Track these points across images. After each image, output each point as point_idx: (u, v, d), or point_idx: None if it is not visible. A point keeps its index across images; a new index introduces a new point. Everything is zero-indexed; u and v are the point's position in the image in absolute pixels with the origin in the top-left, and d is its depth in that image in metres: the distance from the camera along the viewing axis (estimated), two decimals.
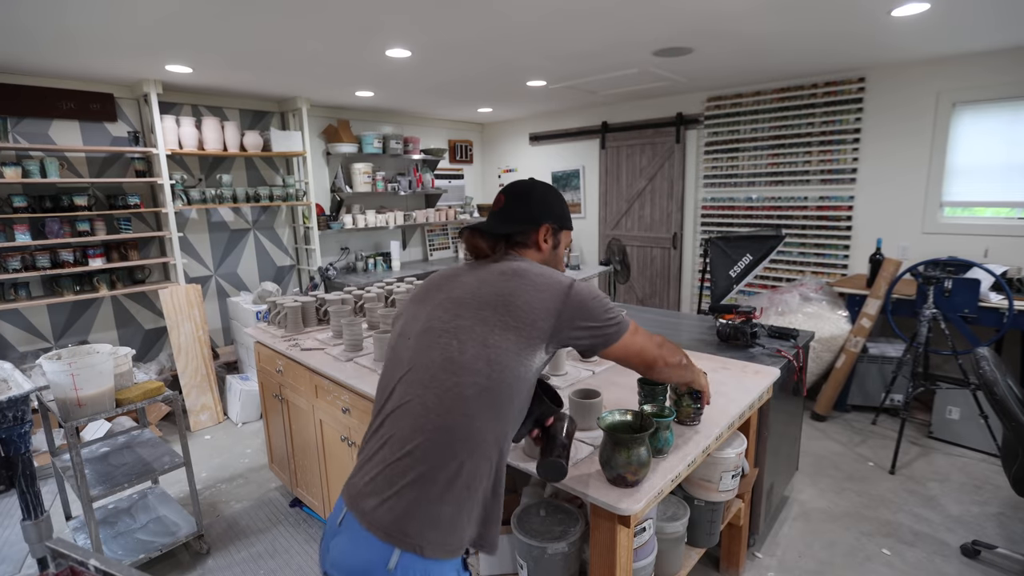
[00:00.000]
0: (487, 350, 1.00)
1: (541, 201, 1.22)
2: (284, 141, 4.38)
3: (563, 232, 1.26)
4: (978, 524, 2.46)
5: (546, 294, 1.05)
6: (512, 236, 1.19)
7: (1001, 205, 3.53)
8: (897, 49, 3.33)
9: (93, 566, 1.01)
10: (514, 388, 1.01)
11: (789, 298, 3.69)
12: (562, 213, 1.25)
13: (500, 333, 1.01)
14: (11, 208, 3.27)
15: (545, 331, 1.03)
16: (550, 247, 1.23)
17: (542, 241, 1.21)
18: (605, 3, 2.41)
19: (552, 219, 1.22)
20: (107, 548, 2.26)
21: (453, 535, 0.96)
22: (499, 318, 1.02)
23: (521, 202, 1.22)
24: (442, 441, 0.96)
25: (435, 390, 0.99)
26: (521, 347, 1.01)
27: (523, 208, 1.21)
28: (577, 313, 1.06)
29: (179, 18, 2.45)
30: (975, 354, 2.07)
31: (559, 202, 1.26)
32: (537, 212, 1.21)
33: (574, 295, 1.06)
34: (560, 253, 1.26)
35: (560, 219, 1.24)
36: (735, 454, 1.69)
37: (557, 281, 1.08)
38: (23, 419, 1.94)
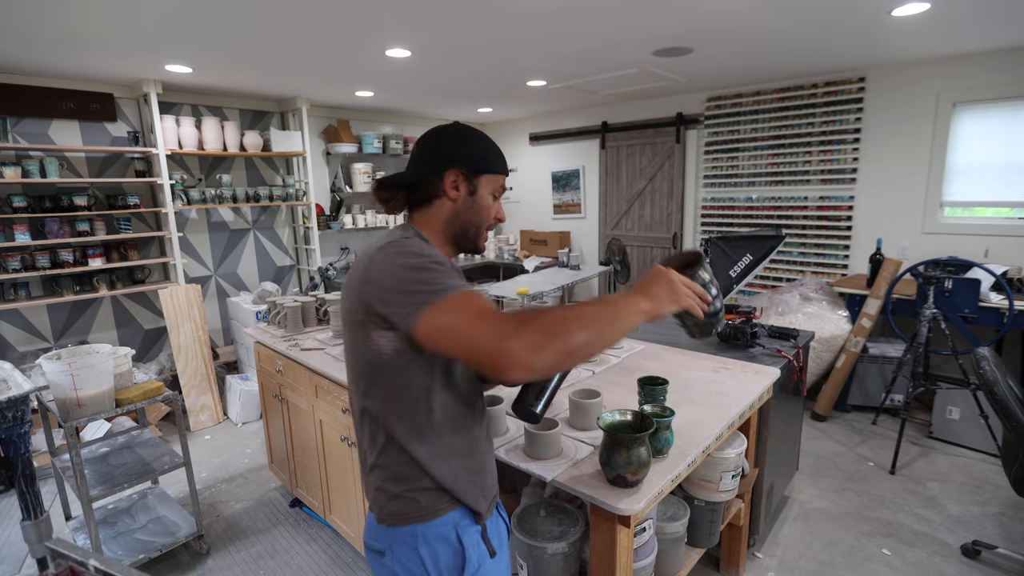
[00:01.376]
0: (348, 352, 1.01)
1: (446, 144, 1.04)
2: (284, 141, 4.38)
3: (482, 177, 1.05)
4: (978, 524, 2.46)
5: (358, 269, 0.96)
6: (415, 188, 1.05)
7: (1001, 205, 3.52)
8: (897, 49, 3.33)
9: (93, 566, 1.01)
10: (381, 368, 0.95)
11: (789, 298, 3.69)
12: (477, 155, 1.05)
13: (347, 330, 0.99)
14: (11, 208, 3.27)
15: (359, 311, 0.93)
16: (463, 194, 1.04)
17: (450, 189, 1.03)
18: (605, 3, 2.41)
19: (459, 162, 1.03)
20: (107, 548, 2.26)
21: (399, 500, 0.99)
22: (343, 316, 1.00)
23: (426, 147, 1.06)
24: (357, 420, 1.04)
25: (349, 373, 1.04)
26: (359, 338, 0.95)
27: (426, 155, 1.05)
28: (373, 278, 0.90)
29: (179, 18, 2.44)
30: (975, 354, 2.07)
31: (473, 143, 1.06)
32: (440, 157, 1.03)
33: (374, 260, 0.92)
34: (482, 201, 1.06)
35: (473, 161, 1.04)
36: (735, 454, 1.69)
37: (366, 252, 0.97)
38: (23, 419, 1.94)
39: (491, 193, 1.08)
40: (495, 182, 1.08)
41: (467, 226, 1.06)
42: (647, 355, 2.16)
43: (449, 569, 1.00)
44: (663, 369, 1.96)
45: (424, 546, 0.99)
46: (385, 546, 1.01)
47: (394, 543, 1.00)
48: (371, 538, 1.05)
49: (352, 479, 2.11)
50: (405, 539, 0.99)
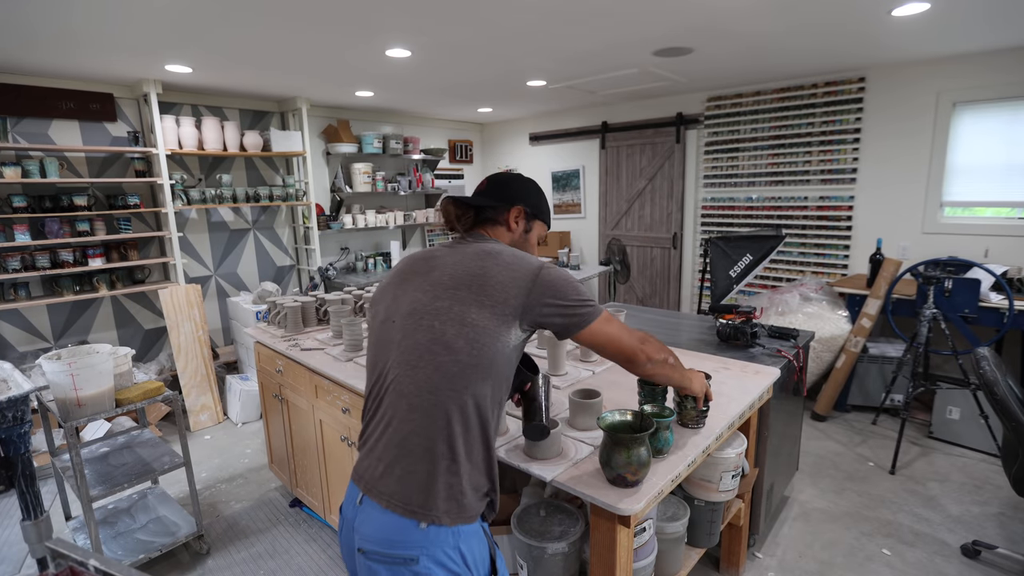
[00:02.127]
0: (465, 329, 1.04)
1: (518, 187, 1.29)
2: (284, 141, 4.38)
3: (536, 221, 1.31)
4: (978, 524, 2.46)
5: (518, 273, 1.09)
6: (483, 211, 1.24)
7: (1001, 205, 3.53)
8: (897, 49, 3.33)
9: (93, 566, 1.01)
10: (495, 363, 1.06)
11: (789, 298, 3.69)
12: (538, 204, 1.31)
13: (476, 311, 1.05)
14: (11, 208, 3.27)
15: (516, 308, 1.07)
16: (520, 230, 1.28)
17: (512, 221, 1.26)
18: (605, 3, 2.41)
19: (526, 203, 1.27)
20: (107, 548, 2.26)
21: (465, 500, 1.03)
22: (475, 297, 1.06)
23: (500, 186, 1.29)
24: (438, 416, 1.03)
25: (424, 370, 1.05)
26: (496, 324, 1.05)
27: (500, 190, 1.28)
28: (547, 291, 1.09)
29: (179, 17, 2.44)
30: (975, 354, 2.07)
31: (537, 194, 1.32)
32: (512, 194, 1.27)
33: (544, 274, 1.10)
34: (532, 240, 1.31)
35: (535, 207, 1.29)
36: (735, 454, 1.69)
37: (528, 261, 1.12)
38: (23, 419, 1.94)
39: (538, 236, 1.33)
40: (543, 229, 1.34)
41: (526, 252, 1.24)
42: None
43: (483, 561, 1.06)
44: None
45: (464, 542, 1.02)
46: (419, 551, 0.99)
47: (432, 545, 0.99)
48: (394, 546, 1.00)
49: None
50: (446, 539, 1.00)
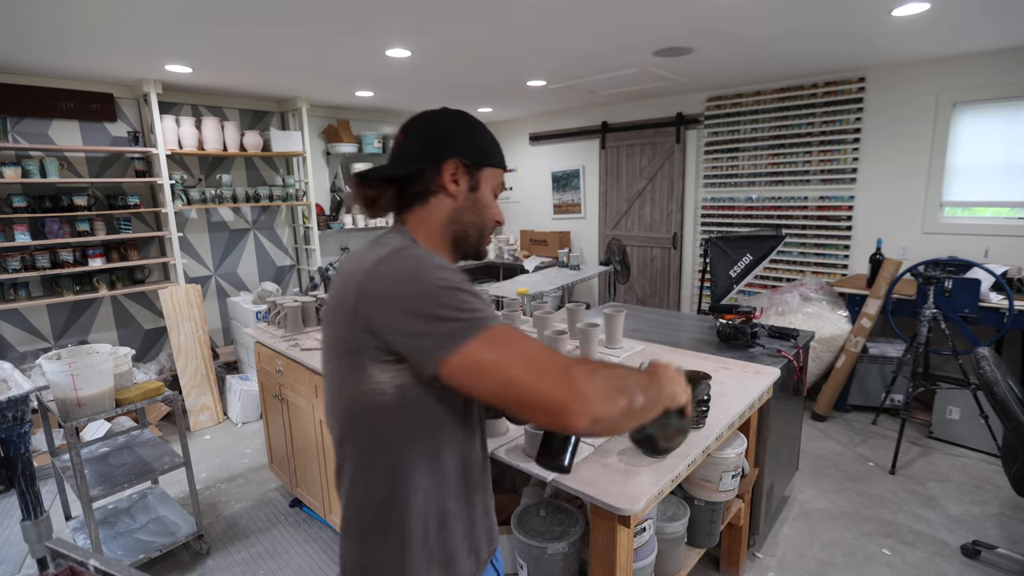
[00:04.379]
0: (330, 385, 0.85)
1: (443, 129, 0.90)
2: (284, 141, 4.38)
3: (484, 171, 0.92)
4: (978, 524, 2.46)
5: (347, 288, 0.77)
6: (406, 183, 0.89)
7: (1001, 205, 3.52)
8: (897, 49, 3.33)
9: (93, 566, 1.01)
10: (375, 422, 0.79)
11: (789, 298, 3.69)
12: (476, 145, 0.91)
13: (332, 361, 0.82)
14: (11, 208, 3.27)
15: (352, 339, 0.76)
16: (464, 189, 0.90)
17: (449, 183, 0.89)
18: (605, 3, 2.41)
19: (460, 152, 0.89)
20: (107, 548, 2.26)
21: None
22: (325, 343, 0.84)
23: (418, 134, 0.90)
24: (350, 487, 0.86)
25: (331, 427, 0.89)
26: (347, 371, 0.79)
27: (420, 140, 0.90)
28: (380, 300, 0.73)
29: (179, 18, 2.44)
30: (975, 354, 2.07)
31: (472, 130, 0.92)
32: (437, 144, 0.89)
33: (376, 276, 0.74)
34: (483, 198, 0.92)
35: (474, 152, 0.90)
36: (735, 454, 1.69)
37: (360, 264, 0.78)
38: (23, 419, 1.94)
39: (491, 190, 0.94)
40: (495, 177, 0.94)
41: (468, 227, 0.91)
42: (647, 355, 2.16)
43: None
44: None
45: None
46: None
47: None
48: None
49: None
50: None
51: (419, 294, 0.71)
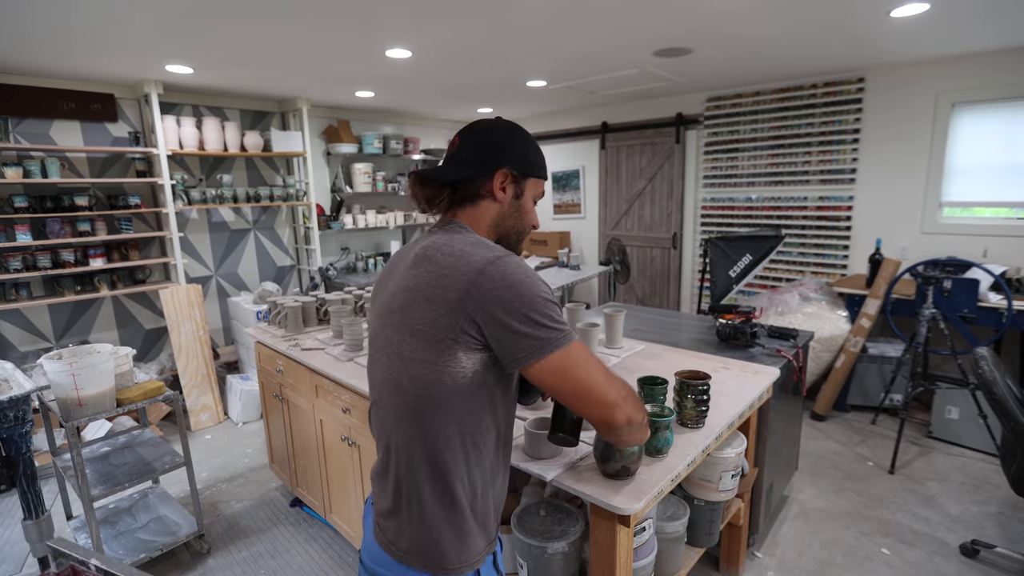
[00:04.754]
0: (404, 364, 0.89)
1: (499, 141, 1.01)
2: (284, 141, 4.38)
3: (528, 180, 1.04)
4: (977, 523, 2.47)
5: (451, 279, 0.85)
6: (460, 186, 0.99)
7: (1000, 205, 3.53)
8: (896, 50, 3.34)
9: (94, 565, 1.01)
10: (449, 400, 0.87)
11: (789, 298, 3.69)
12: (525, 157, 1.02)
13: (410, 342, 0.88)
14: (12, 208, 3.27)
15: (450, 327, 0.85)
16: (510, 197, 1.01)
17: (498, 190, 1.00)
18: (605, 4, 2.41)
19: (510, 163, 1.00)
20: (108, 547, 2.26)
21: (461, 549, 0.93)
22: (405, 322, 0.89)
23: (475, 143, 1.01)
24: (408, 461, 0.92)
25: (387, 409, 0.94)
26: (433, 353, 0.86)
27: (476, 150, 1.00)
28: (491, 299, 0.83)
29: (180, 18, 2.45)
30: (974, 354, 2.07)
31: (524, 144, 1.03)
32: (491, 155, 0.99)
33: (488, 276, 0.84)
34: (526, 205, 1.04)
35: (522, 164, 1.01)
36: (735, 454, 1.69)
37: (468, 260, 0.86)
38: (24, 419, 1.94)
39: (532, 197, 1.06)
40: (538, 187, 1.06)
41: (510, 230, 1.02)
42: (647, 355, 2.16)
43: None
44: (663, 369, 1.96)
45: None
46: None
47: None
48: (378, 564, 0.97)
49: (352, 479, 2.12)
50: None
51: (528, 301, 0.84)
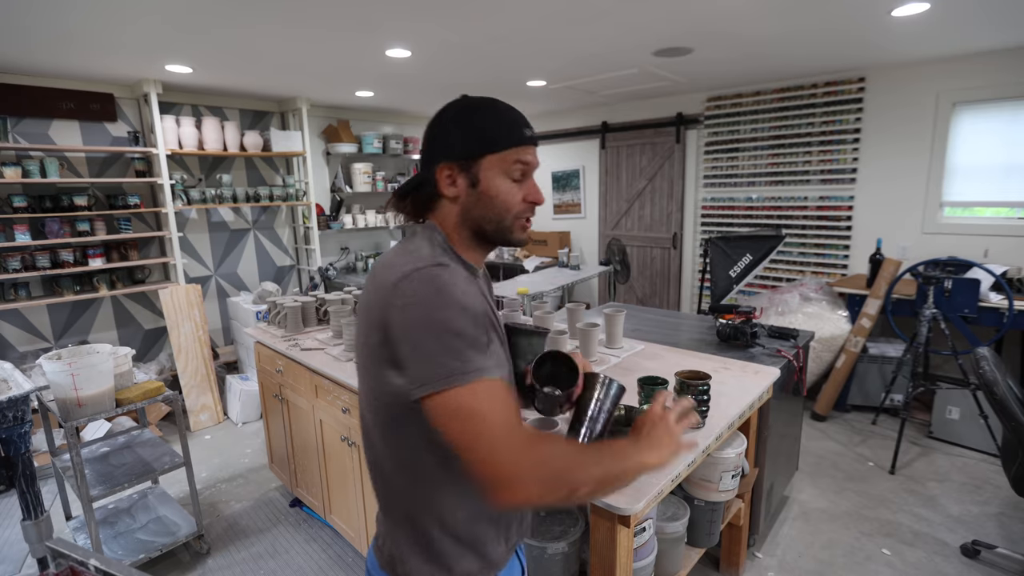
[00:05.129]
0: (364, 378, 0.87)
1: (434, 135, 0.88)
2: (284, 141, 4.38)
3: (483, 160, 0.85)
4: (978, 524, 2.46)
5: (374, 295, 0.81)
6: (413, 194, 0.90)
7: (1001, 205, 3.53)
8: (897, 49, 3.33)
9: (93, 566, 1.01)
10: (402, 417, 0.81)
11: (789, 298, 3.69)
12: (466, 136, 0.85)
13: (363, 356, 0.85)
14: (11, 208, 3.27)
15: (378, 344, 0.78)
16: (464, 188, 0.86)
17: (446, 187, 0.86)
18: (605, 4, 2.41)
19: (448, 153, 0.85)
20: (107, 548, 2.26)
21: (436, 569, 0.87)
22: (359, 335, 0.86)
23: (423, 140, 0.90)
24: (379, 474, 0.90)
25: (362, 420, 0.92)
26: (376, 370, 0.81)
27: (423, 149, 0.90)
28: (395, 317, 0.75)
29: (179, 18, 2.45)
30: (975, 354, 2.07)
31: (467, 123, 0.85)
32: (430, 151, 0.88)
33: (399, 292, 0.76)
34: (488, 190, 0.86)
35: (468, 145, 0.85)
36: (735, 454, 1.69)
37: (388, 274, 0.79)
38: (23, 419, 1.94)
39: (504, 174, 0.86)
40: (503, 161, 0.85)
41: (482, 222, 0.87)
42: (647, 355, 2.16)
43: None
44: (663, 369, 1.96)
45: None
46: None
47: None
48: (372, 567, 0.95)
49: (352, 479, 2.12)
50: None
51: (427, 323, 0.73)
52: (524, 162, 0.87)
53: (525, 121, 0.89)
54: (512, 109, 0.89)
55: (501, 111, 0.87)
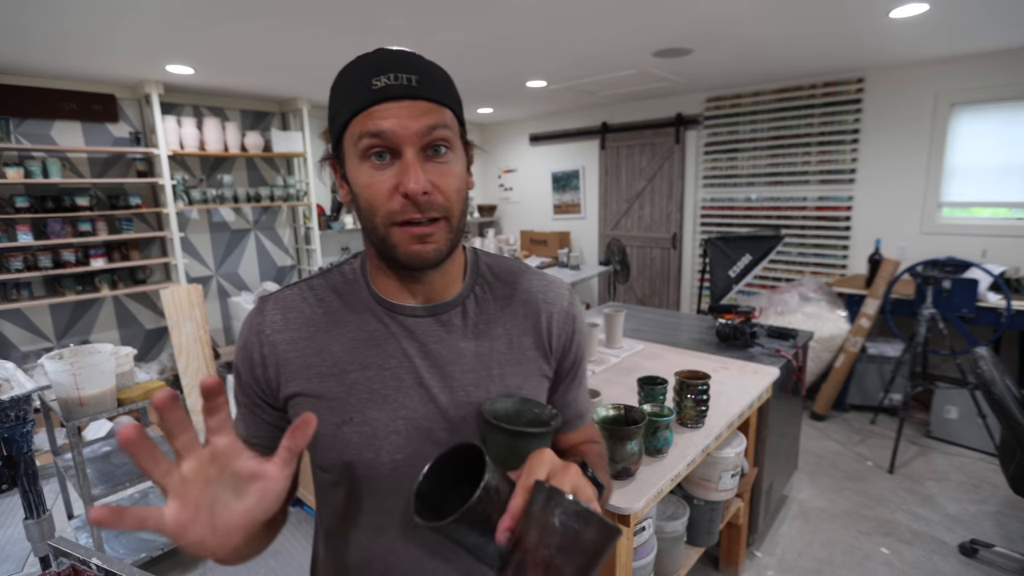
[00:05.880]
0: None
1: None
2: (285, 141, 4.39)
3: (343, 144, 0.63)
4: (976, 523, 2.47)
5: None
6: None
7: (999, 205, 3.53)
8: (896, 50, 3.34)
9: (95, 564, 1.02)
10: None
11: (788, 298, 3.70)
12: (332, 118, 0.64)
13: None
14: (13, 208, 3.28)
15: None
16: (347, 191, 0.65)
17: (341, 190, 0.66)
18: (605, 5, 2.42)
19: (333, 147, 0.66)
20: (109, 547, 2.27)
21: None
22: None
23: None
24: None
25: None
26: None
27: None
28: None
29: (181, 19, 2.45)
30: (973, 354, 2.08)
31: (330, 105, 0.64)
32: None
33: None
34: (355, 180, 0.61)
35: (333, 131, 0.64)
36: (735, 453, 1.70)
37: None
38: (25, 418, 1.95)
39: (358, 158, 0.60)
40: (352, 138, 0.60)
41: (364, 223, 0.64)
42: (647, 355, 2.17)
43: None
44: (663, 369, 1.97)
45: None
46: None
47: None
48: None
49: None
50: None
51: None
52: (372, 132, 0.57)
53: (383, 65, 0.58)
54: (370, 56, 0.60)
55: (349, 67, 0.61)
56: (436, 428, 0.66)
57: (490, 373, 0.69)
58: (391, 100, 0.57)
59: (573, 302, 0.78)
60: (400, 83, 0.57)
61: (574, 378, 0.79)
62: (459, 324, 0.69)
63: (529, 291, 0.74)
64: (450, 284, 0.70)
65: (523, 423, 0.67)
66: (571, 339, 0.76)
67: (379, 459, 0.65)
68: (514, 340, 0.72)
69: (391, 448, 0.65)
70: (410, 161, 0.58)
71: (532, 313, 0.73)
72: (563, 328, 0.75)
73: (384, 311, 0.68)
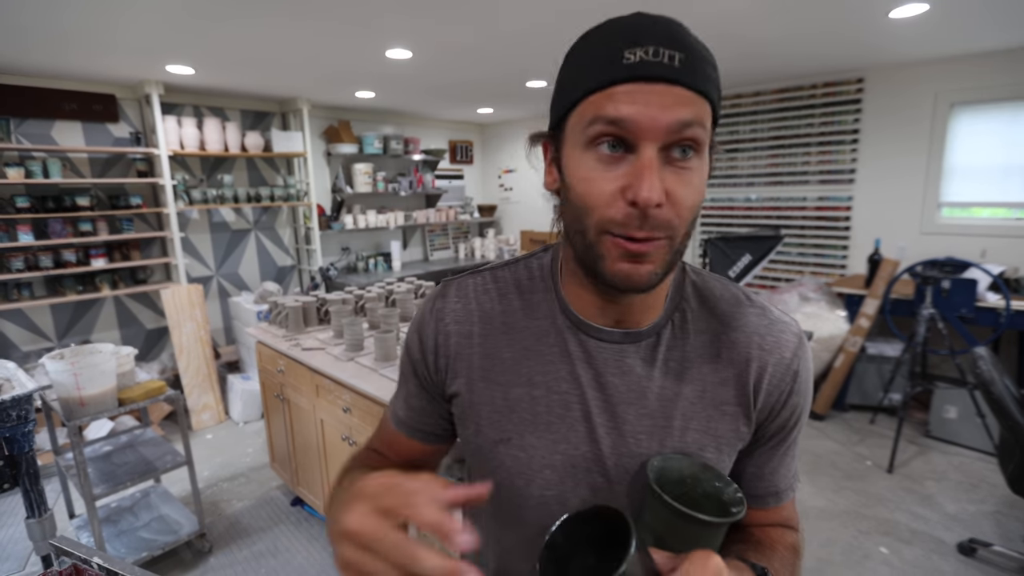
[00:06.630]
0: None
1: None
2: (285, 142, 4.39)
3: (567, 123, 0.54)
4: (975, 522, 2.48)
5: None
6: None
7: (999, 206, 3.54)
8: (896, 50, 3.34)
9: (96, 564, 1.02)
10: None
11: (788, 298, 3.70)
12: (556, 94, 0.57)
13: None
14: (14, 208, 3.29)
15: None
16: (556, 178, 0.58)
17: (548, 178, 0.60)
18: (605, 5, 2.42)
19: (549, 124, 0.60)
20: (110, 546, 2.28)
21: None
22: None
23: None
24: None
25: None
26: None
27: None
28: None
29: (181, 19, 2.46)
30: (972, 354, 2.08)
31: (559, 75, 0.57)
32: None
33: None
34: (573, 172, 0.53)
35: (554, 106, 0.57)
36: None
37: None
38: (26, 418, 1.95)
39: (581, 148, 0.51)
40: (580, 123, 0.51)
41: (568, 226, 0.56)
42: None
43: None
44: None
45: None
46: None
47: None
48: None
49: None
50: None
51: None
52: (609, 118, 0.48)
53: (640, 34, 0.48)
54: (625, 20, 0.51)
55: (596, 31, 0.53)
56: (594, 472, 0.59)
57: (670, 423, 0.58)
58: (642, 81, 0.47)
59: (799, 354, 0.60)
60: (660, 60, 0.46)
61: (778, 446, 0.63)
62: (646, 357, 0.59)
63: (743, 330, 0.60)
64: (649, 309, 0.59)
65: (697, 495, 0.55)
66: (784, 400, 0.60)
67: (528, 490, 0.60)
68: (709, 389, 0.59)
69: (542, 483, 0.60)
70: (647, 162, 0.47)
71: (740, 359, 0.59)
72: (777, 385, 0.59)
73: (567, 324, 0.60)
